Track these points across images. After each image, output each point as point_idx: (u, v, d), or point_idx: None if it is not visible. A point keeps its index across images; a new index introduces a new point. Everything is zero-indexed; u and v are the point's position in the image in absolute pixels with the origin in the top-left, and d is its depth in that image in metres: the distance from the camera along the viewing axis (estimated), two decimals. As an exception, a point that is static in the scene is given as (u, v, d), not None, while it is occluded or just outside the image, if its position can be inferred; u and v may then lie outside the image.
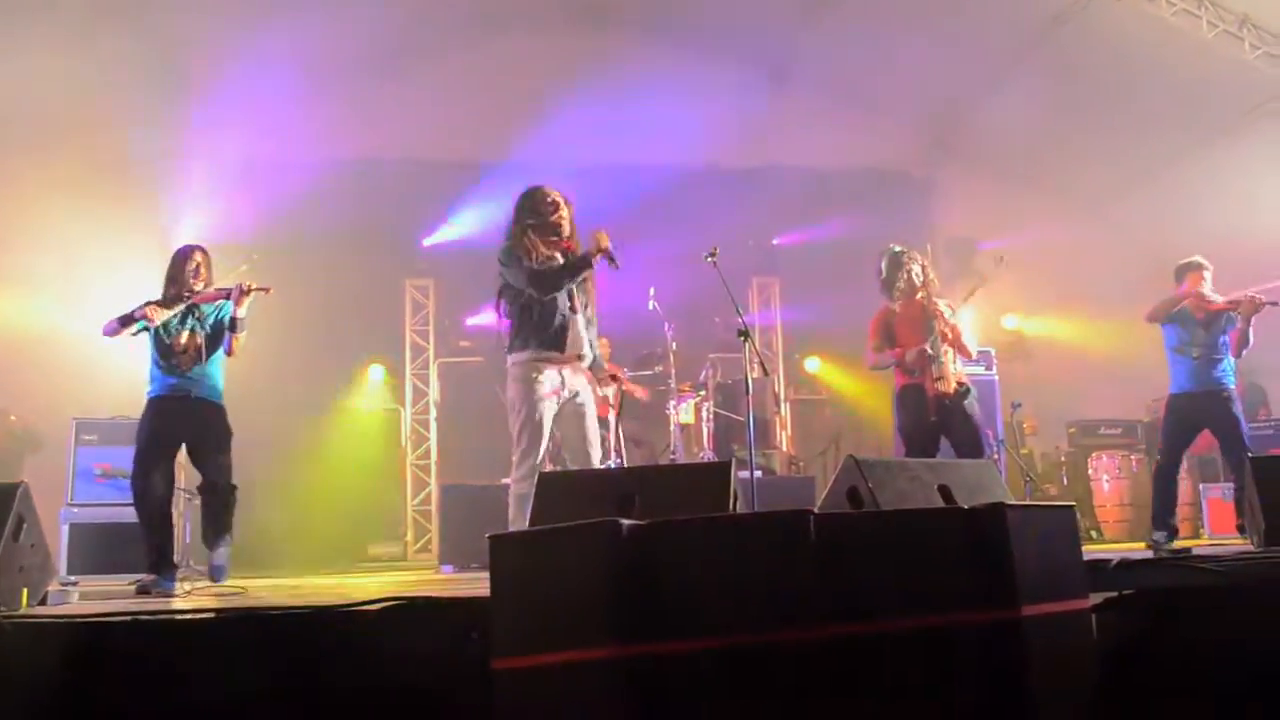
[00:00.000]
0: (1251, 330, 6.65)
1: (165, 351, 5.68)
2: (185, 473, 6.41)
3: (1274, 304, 6.56)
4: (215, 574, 5.63)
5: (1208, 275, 6.81)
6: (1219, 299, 6.70)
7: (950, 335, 6.44)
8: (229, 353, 5.84)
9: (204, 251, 5.90)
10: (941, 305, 6.52)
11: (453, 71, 10.73)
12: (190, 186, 9.90)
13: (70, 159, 9.03)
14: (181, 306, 5.74)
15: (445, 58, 10.76)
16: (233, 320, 5.76)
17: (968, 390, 6.40)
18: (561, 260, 5.34)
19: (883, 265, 6.72)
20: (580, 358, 5.35)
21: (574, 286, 5.35)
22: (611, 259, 5.29)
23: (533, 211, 5.40)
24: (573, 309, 5.33)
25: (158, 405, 5.66)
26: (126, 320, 5.66)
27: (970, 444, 6.28)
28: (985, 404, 9.28)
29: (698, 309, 9.73)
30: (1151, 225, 10.70)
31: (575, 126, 10.81)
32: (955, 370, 6.41)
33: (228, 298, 5.77)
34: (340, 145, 10.86)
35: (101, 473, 7.67)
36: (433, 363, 11.74)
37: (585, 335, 5.37)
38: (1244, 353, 6.72)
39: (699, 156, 11.46)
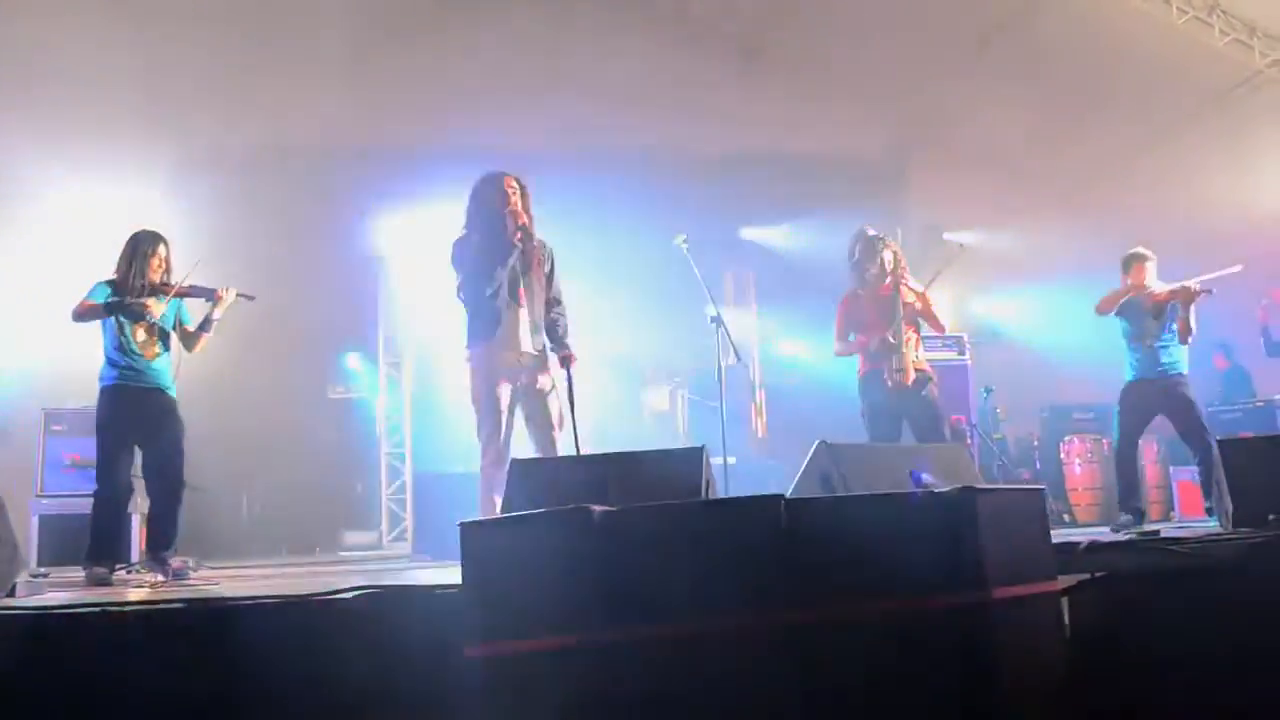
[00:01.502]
0: (1193, 319, 6.75)
1: (124, 340, 5.55)
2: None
3: (1209, 292, 6.69)
4: (181, 575, 5.42)
5: (1150, 266, 6.93)
6: (1163, 289, 6.81)
7: (919, 307, 6.58)
8: (190, 349, 5.81)
9: (167, 243, 5.75)
10: (912, 282, 6.63)
11: (414, 57, 10.66)
12: (156, 175, 9.81)
13: (43, 152, 8.92)
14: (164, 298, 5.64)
15: (406, 43, 10.69)
16: (206, 320, 5.73)
17: (929, 378, 6.54)
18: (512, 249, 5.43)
19: (855, 248, 6.79)
20: (528, 353, 5.38)
21: (520, 280, 5.39)
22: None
23: (480, 203, 5.47)
24: (518, 302, 5.37)
25: (118, 394, 5.54)
26: (114, 309, 5.51)
27: (930, 430, 6.39)
28: (958, 389, 9.35)
29: (671, 296, 9.72)
30: (1122, 211, 10.75)
31: (548, 113, 10.77)
32: (917, 357, 6.56)
33: (208, 299, 5.71)
34: (317, 130, 10.78)
35: (71, 463, 7.59)
36: (406, 351, 11.69)
37: (528, 327, 5.41)
38: (1190, 340, 6.82)
39: (670, 142, 11.44)
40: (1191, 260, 6.95)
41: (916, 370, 6.47)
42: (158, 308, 5.59)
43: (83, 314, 5.51)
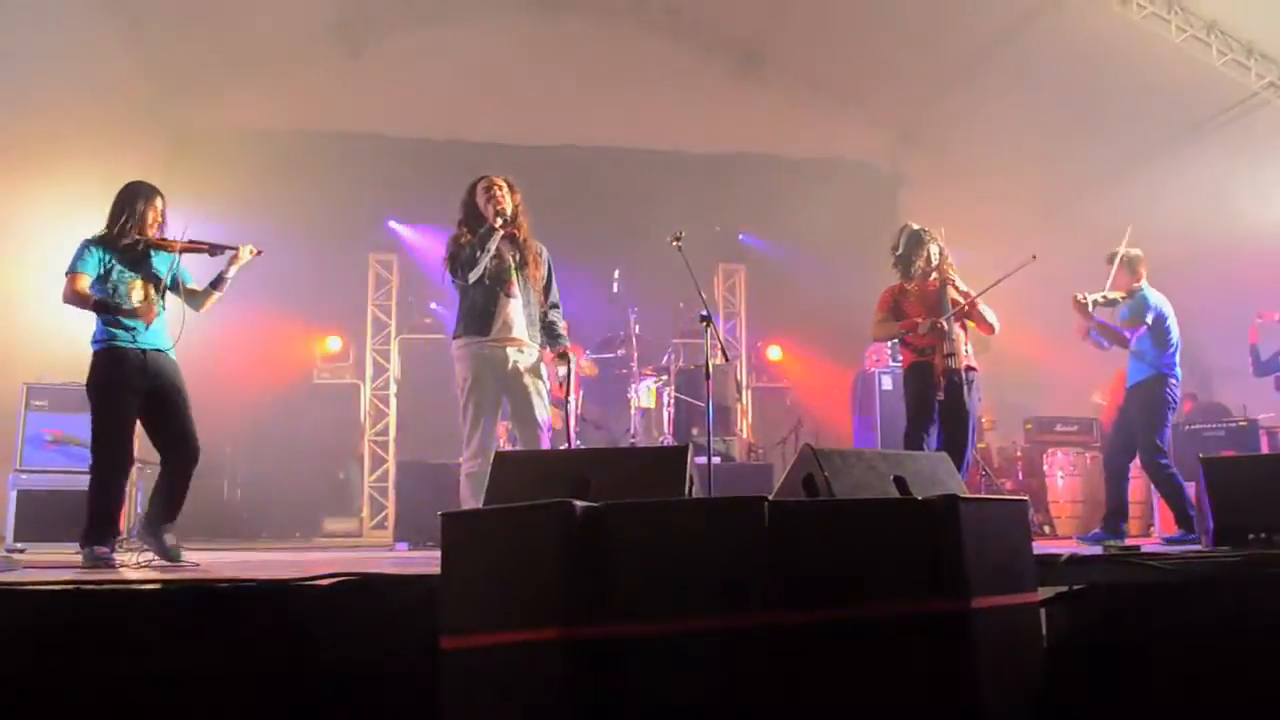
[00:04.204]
0: (1097, 333, 6.86)
1: (119, 301, 5.07)
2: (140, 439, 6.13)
3: (1080, 300, 6.79)
4: (173, 555, 5.00)
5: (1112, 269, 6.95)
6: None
7: (965, 306, 6.28)
8: (198, 309, 5.36)
9: (163, 196, 5.27)
10: (959, 282, 6.35)
11: (422, 49, 10.67)
12: (152, 153, 9.77)
13: (30, 128, 8.86)
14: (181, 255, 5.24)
15: (414, 34, 10.71)
16: (220, 278, 5.33)
17: (974, 379, 6.24)
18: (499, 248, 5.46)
19: (900, 242, 6.51)
20: (520, 340, 5.39)
21: (514, 274, 5.41)
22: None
23: (471, 207, 5.52)
24: (507, 294, 5.39)
25: (115, 356, 5.03)
26: (105, 307, 5.03)
27: (958, 434, 6.08)
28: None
29: (662, 293, 9.74)
30: (1113, 226, 10.77)
31: (544, 108, 10.79)
32: (966, 353, 6.25)
33: (213, 253, 5.30)
34: (310, 117, 10.77)
35: (52, 439, 7.55)
36: (394, 339, 11.68)
37: (523, 319, 5.42)
38: (1126, 345, 6.80)
39: (668, 142, 11.47)
40: (1181, 278, 6.97)
41: (966, 368, 6.19)
42: (150, 314, 5.11)
43: (71, 299, 5.01)
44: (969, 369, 6.24)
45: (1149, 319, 6.72)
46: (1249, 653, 3.32)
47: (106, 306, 5.04)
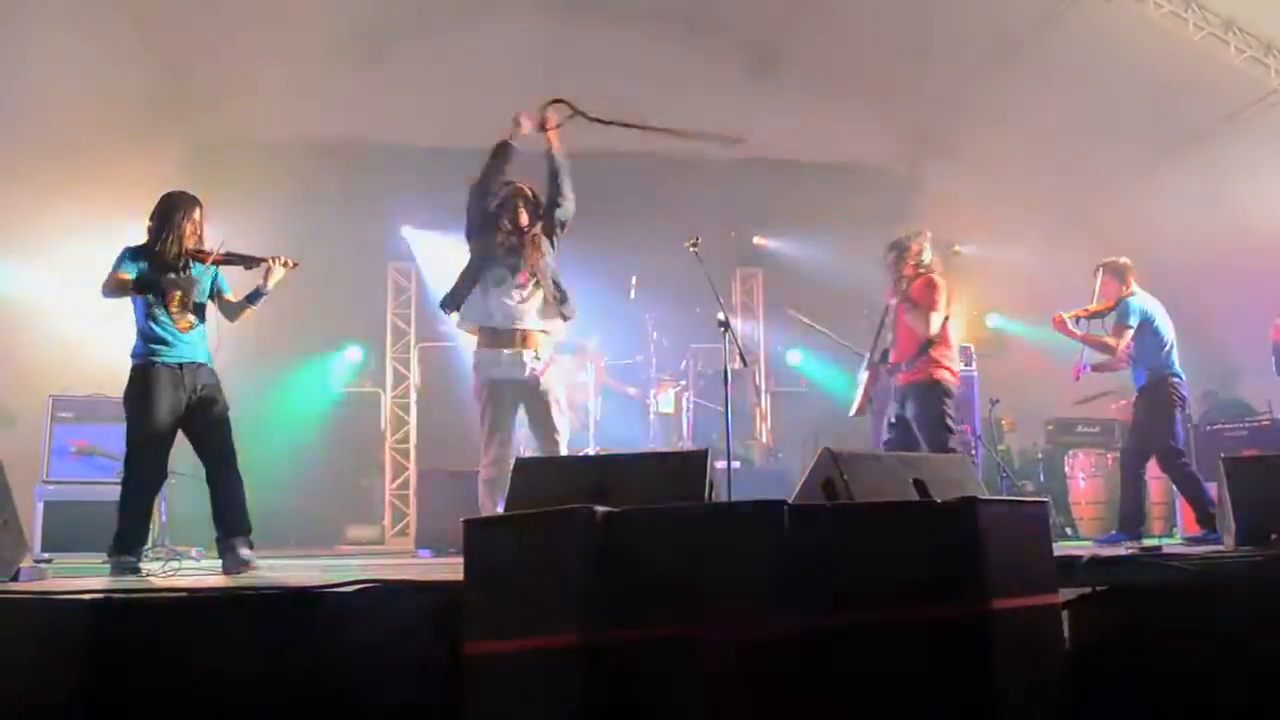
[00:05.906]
0: (1085, 362, 7.21)
1: (156, 312, 5.10)
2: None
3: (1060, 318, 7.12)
4: (227, 566, 4.99)
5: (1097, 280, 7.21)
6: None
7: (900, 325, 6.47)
8: (232, 320, 5.43)
9: (201, 206, 5.30)
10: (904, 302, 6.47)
11: (438, 56, 10.71)
12: (170, 163, 9.83)
13: (54, 140, 8.93)
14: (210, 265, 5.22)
15: (430, 43, 10.75)
16: (256, 293, 5.34)
17: (916, 392, 6.39)
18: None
19: (925, 250, 6.63)
20: (534, 343, 5.40)
21: (517, 263, 5.43)
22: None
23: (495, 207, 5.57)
24: (521, 299, 5.41)
25: (152, 372, 5.04)
26: (147, 286, 5.06)
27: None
28: (964, 400, 9.31)
29: (680, 299, 9.75)
30: (1134, 226, 10.74)
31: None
32: (906, 368, 6.44)
33: (249, 266, 5.30)
34: (327, 126, 10.81)
35: (77, 450, 7.62)
36: (413, 346, 11.72)
37: (537, 313, 5.42)
38: (1115, 353, 7.02)
39: (683, 147, 11.45)
40: (1203, 276, 6.95)
41: (913, 382, 6.37)
42: (191, 286, 5.15)
43: (112, 289, 5.07)
44: (918, 384, 6.37)
45: (1132, 322, 6.85)
46: (1273, 653, 3.31)
47: (142, 286, 5.04)
